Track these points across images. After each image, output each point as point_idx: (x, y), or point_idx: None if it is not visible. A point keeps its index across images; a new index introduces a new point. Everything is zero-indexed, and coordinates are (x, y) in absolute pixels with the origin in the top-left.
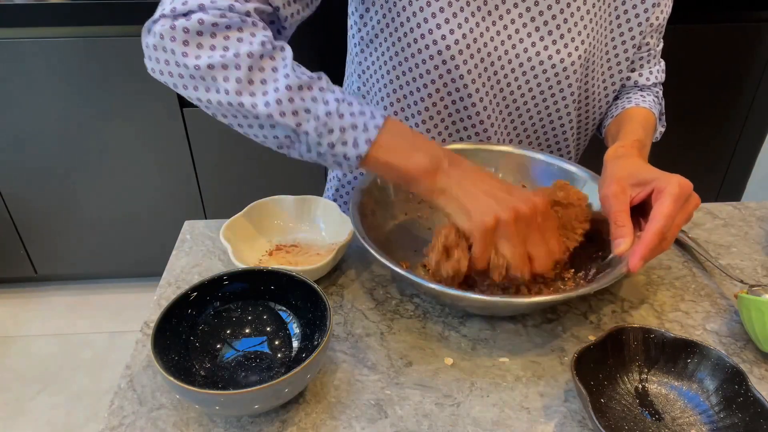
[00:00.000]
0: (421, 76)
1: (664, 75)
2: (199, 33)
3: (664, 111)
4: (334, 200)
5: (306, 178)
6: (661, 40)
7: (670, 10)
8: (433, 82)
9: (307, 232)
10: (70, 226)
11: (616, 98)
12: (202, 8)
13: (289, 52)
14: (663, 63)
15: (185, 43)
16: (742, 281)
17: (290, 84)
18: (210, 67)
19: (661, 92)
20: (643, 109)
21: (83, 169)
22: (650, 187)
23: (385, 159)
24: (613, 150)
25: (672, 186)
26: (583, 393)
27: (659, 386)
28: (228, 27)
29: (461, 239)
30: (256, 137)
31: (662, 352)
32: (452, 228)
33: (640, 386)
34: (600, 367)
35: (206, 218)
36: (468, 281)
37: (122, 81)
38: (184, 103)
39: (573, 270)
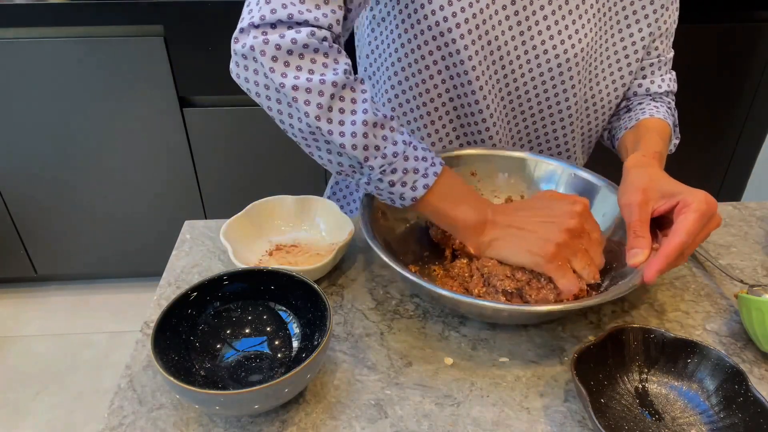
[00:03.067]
0: (423, 57)
1: (676, 85)
2: (290, 52)
3: (677, 122)
4: (331, 196)
5: (306, 178)
6: (672, 49)
7: (677, 17)
8: (435, 63)
9: (307, 232)
10: (70, 226)
11: (628, 110)
12: (291, 18)
13: (368, 86)
14: (674, 73)
15: (274, 59)
16: (742, 281)
17: (367, 120)
18: (294, 88)
19: (673, 103)
20: (659, 119)
21: (83, 169)
22: (675, 200)
23: (436, 205)
24: (634, 158)
25: (699, 202)
26: (583, 393)
27: (659, 386)
28: (316, 50)
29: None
30: (320, 159)
31: (662, 352)
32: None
33: (640, 386)
34: (600, 367)
35: (206, 218)
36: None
37: (122, 81)
38: (184, 103)
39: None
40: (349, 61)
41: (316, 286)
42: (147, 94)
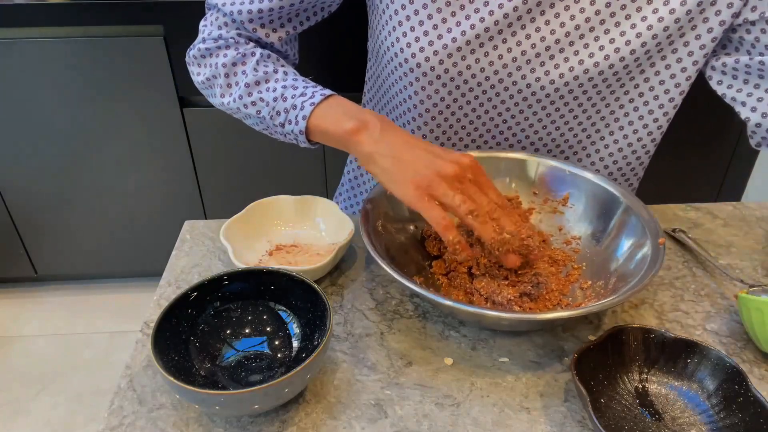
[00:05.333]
0: (400, 91)
1: None
2: (203, 56)
3: None
4: (345, 200)
5: (306, 178)
6: None
7: None
8: (412, 96)
9: (307, 232)
10: (70, 226)
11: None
12: (204, 40)
13: (259, 54)
14: None
15: (198, 65)
16: (742, 281)
17: (248, 81)
18: (207, 79)
19: None
20: None
21: (83, 169)
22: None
23: (320, 128)
24: None
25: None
26: (583, 393)
27: (659, 386)
28: (219, 48)
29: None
30: (256, 127)
31: (662, 352)
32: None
33: (640, 386)
34: (600, 367)
35: (206, 218)
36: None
37: (122, 81)
38: (184, 103)
39: (590, 281)
40: (252, 45)
41: (316, 286)
42: (147, 94)
